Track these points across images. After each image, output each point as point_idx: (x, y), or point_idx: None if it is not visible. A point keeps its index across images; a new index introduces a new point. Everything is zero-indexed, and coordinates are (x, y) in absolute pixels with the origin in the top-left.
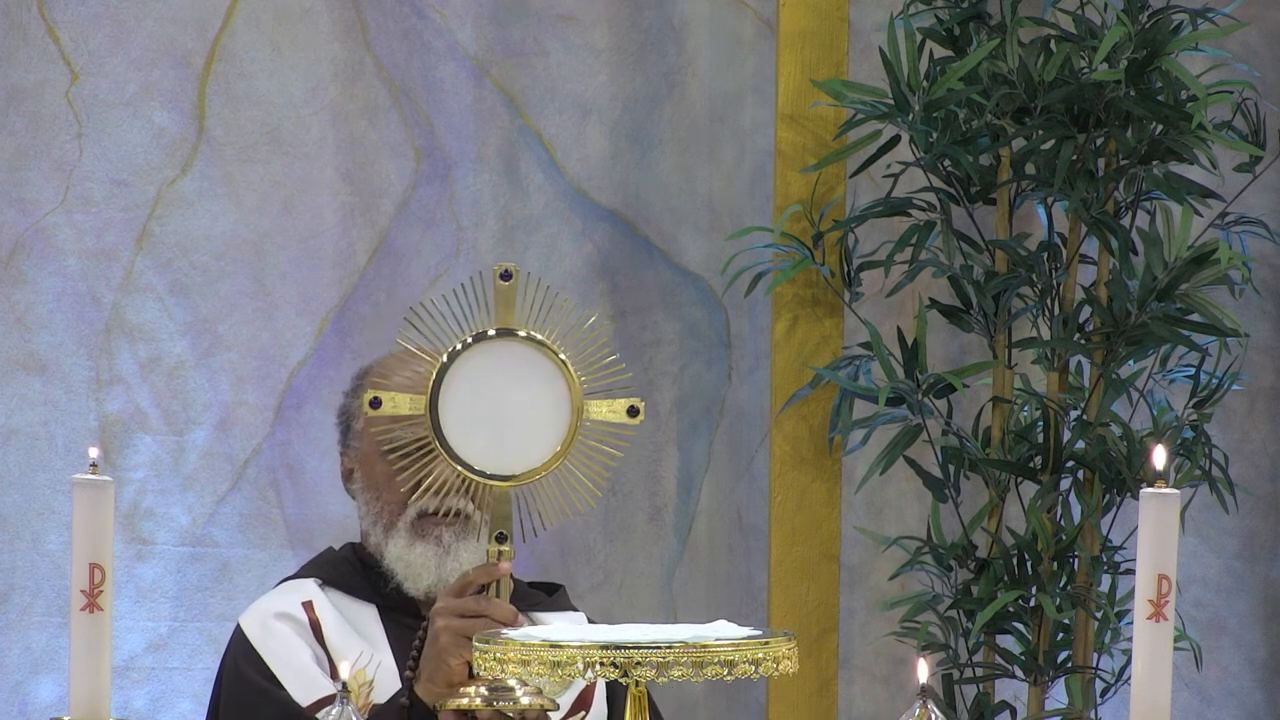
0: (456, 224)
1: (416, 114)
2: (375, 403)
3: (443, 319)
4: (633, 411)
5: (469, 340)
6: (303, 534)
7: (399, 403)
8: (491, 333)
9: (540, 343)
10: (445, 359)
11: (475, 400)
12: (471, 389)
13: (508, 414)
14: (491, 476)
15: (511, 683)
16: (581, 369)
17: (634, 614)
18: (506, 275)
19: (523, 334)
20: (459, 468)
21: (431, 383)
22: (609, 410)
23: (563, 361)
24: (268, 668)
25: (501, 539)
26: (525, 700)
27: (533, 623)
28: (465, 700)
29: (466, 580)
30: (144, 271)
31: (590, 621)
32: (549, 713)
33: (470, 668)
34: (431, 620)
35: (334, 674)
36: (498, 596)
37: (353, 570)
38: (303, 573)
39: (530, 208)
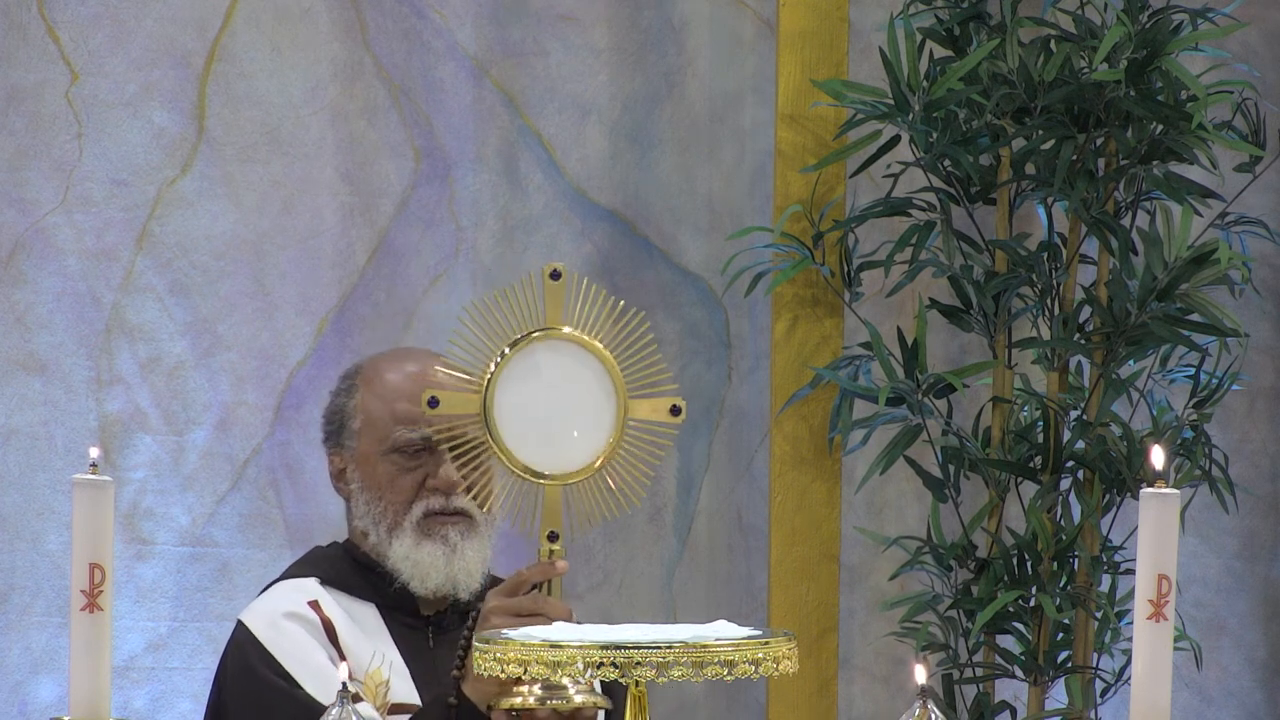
0: (456, 224)
1: (416, 114)
2: (433, 402)
3: (496, 318)
4: (675, 411)
5: (519, 339)
6: (303, 534)
7: (456, 402)
8: (544, 331)
9: (589, 342)
10: (498, 359)
11: (526, 400)
12: (523, 388)
13: (557, 413)
14: (541, 475)
15: (565, 681)
16: (626, 368)
17: (634, 614)
18: (556, 275)
19: (572, 333)
20: (513, 468)
21: (485, 382)
22: (652, 410)
23: (610, 361)
24: (282, 668)
25: (553, 538)
26: (579, 699)
27: (568, 609)
28: (519, 699)
29: (521, 579)
30: (144, 271)
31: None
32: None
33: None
34: (484, 619)
35: (350, 674)
36: (550, 595)
37: (351, 569)
38: (299, 571)
39: (530, 208)
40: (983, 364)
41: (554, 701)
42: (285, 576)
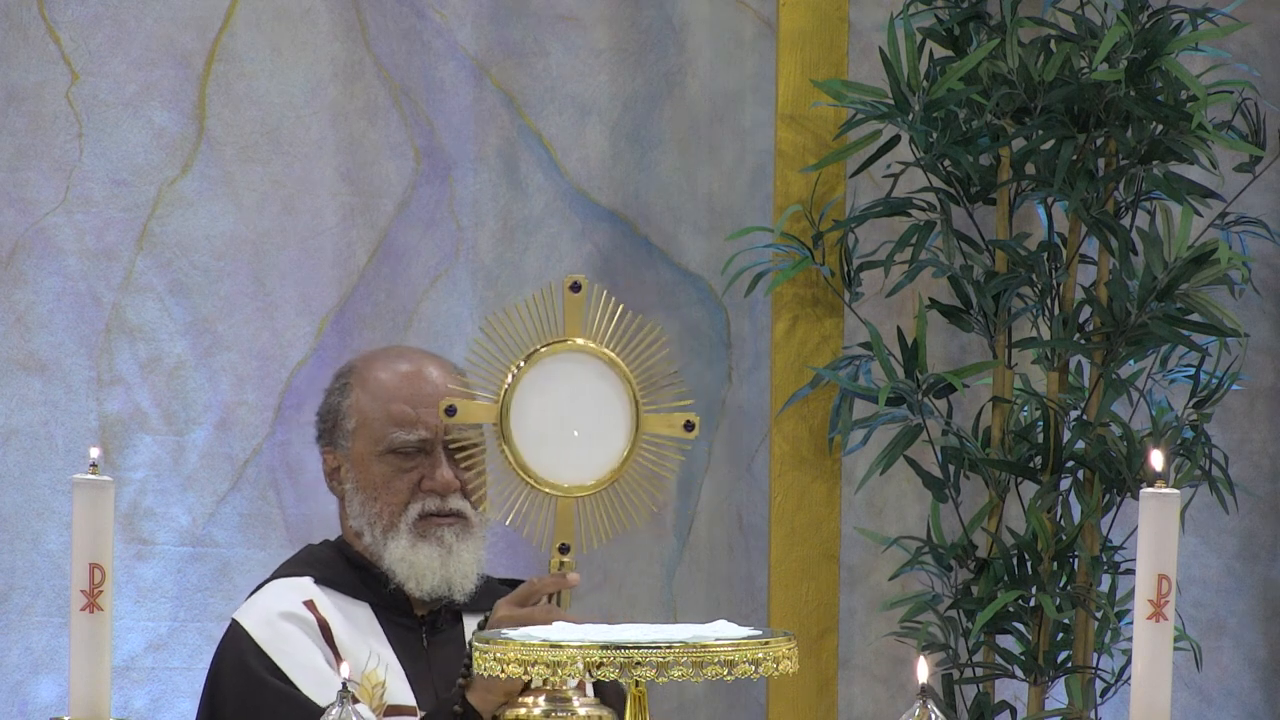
0: (456, 224)
1: (416, 114)
2: (451, 410)
3: (516, 328)
4: (689, 426)
5: (538, 349)
6: (303, 534)
7: (474, 411)
8: (563, 343)
9: (608, 355)
10: (515, 369)
11: (544, 411)
12: (541, 400)
13: (573, 426)
14: (556, 487)
15: (570, 694)
16: (642, 382)
17: (634, 614)
18: (576, 287)
19: (591, 346)
20: (527, 479)
21: (502, 392)
22: (666, 425)
23: (627, 375)
24: (279, 668)
25: (565, 550)
26: (583, 712)
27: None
28: (523, 710)
29: (532, 589)
30: (144, 271)
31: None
32: None
33: (528, 681)
34: (494, 628)
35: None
36: (559, 606)
37: (345, 569)
38: (293, 570)
39: (530, 208)
40: (983, 364)
41: (558, 715)
42: (278, 575)
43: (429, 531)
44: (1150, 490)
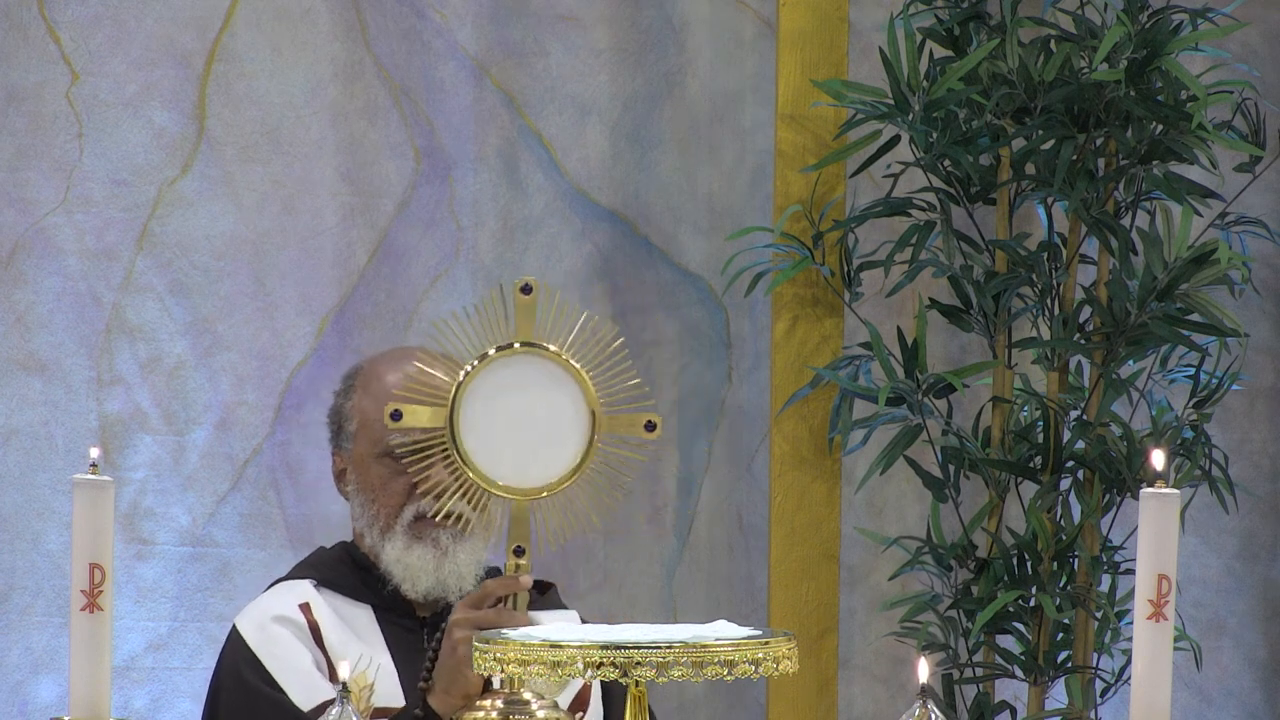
0: (456, 224)
1: (416, 114)
2: (396, 415)
3: (464, 332)
4: (650, 426)
5: (489, 353)
6: (303, 534)
7: (420, 416)
8: (514, 346)
9: (560, 357)
10: (464, 373)
11: (495, 414)
12: (491, 403)
13: (527, 428)
14: (509, 490)
15: (527, 696)
16: (600, 383)
17: (634, 614)
18: (527, 289)
19: (542, 348)
20: (479, 480)
21: (452, 396)
22: (627, 425)
23: (582, 376)
24: (268, 672)
25: (520, 552)
26: (541, 714)
27: (530, 622)
28: (481, 714)
29: (486, 591)
30: (144, 271)
31: (583, 620)
32: None
33: (488, 681)
34: (449, 631)
35: (333, 677)
36: (515, 609)
37: (348, 570)
38: (297, 573)
39: (530, 208)
40: (983, 364)
41: (515, 717)
42: (285, 578)
43: (424, 533)
44: (1150, 490)
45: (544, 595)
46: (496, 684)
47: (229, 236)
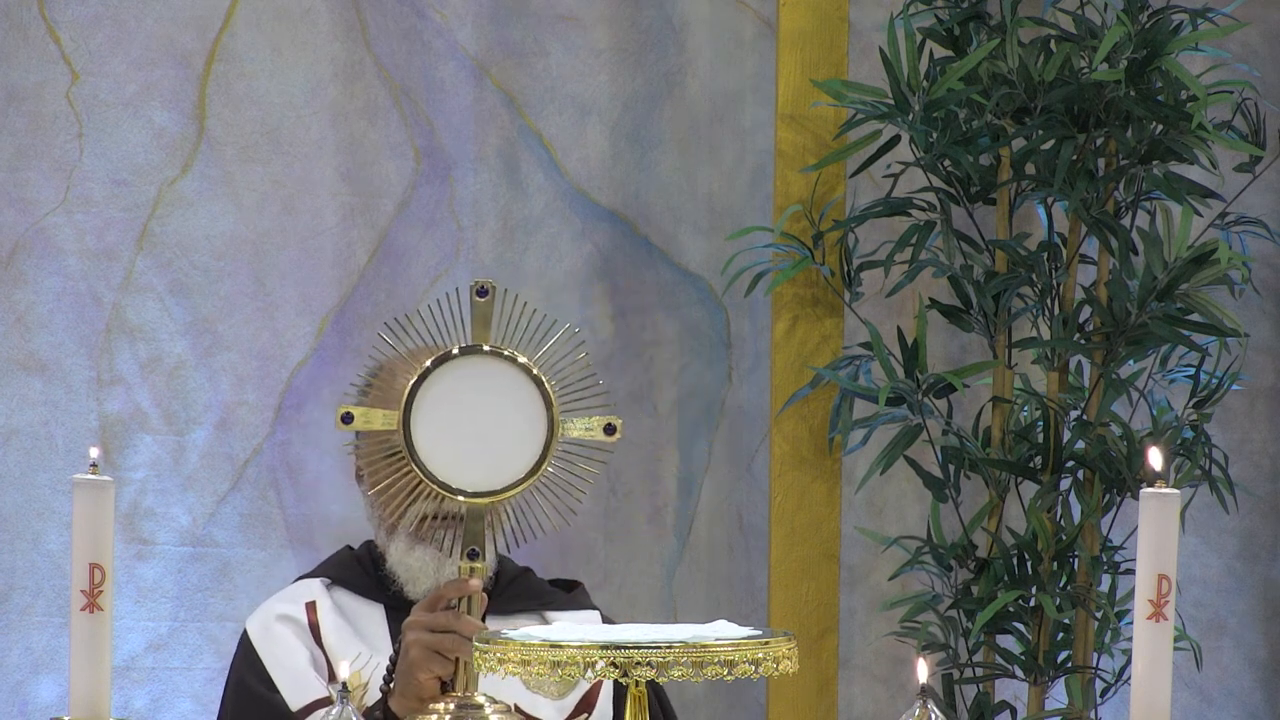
0: (456, 224)
1: (416, 114)
2: (347, 418)
3: (421, 333)
4: (609, 429)
5: (445, 355)
6: (303, 534)
7: (372, 418)
8: (464, 349)
9: (516, 360)
10: (418, 376)
11: (449, 416)
12: (446, 405)
13: (482, 431)
14: (464, 493)
15: (480, 700)
16: (559, 386)
17: (634, 614)
18: (483, 291)
19: (498, 351)
20: (432, 484)
21: (405, 398)
22: (585, 428)
23: (538, 379)
24: (266, 672)
25: (474, 555)
26: (494, 718)
27: (545, 621)
28: (434, 717)
29: (438, 594)
30: (144, 271)
31: (605, 619)
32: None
33: (443, 683)
34: (404, 632)
35: (332, 676)
36: (469, 612)
37: (363, 569)
38: (313, 572)
39: (530, 208)
40: (983, 364)
41: None
42: (304, 576)
43: (426, 535)
44: (1150, 490)
45: (570, 594)
46: (453, 686)
47: (229, 236)
